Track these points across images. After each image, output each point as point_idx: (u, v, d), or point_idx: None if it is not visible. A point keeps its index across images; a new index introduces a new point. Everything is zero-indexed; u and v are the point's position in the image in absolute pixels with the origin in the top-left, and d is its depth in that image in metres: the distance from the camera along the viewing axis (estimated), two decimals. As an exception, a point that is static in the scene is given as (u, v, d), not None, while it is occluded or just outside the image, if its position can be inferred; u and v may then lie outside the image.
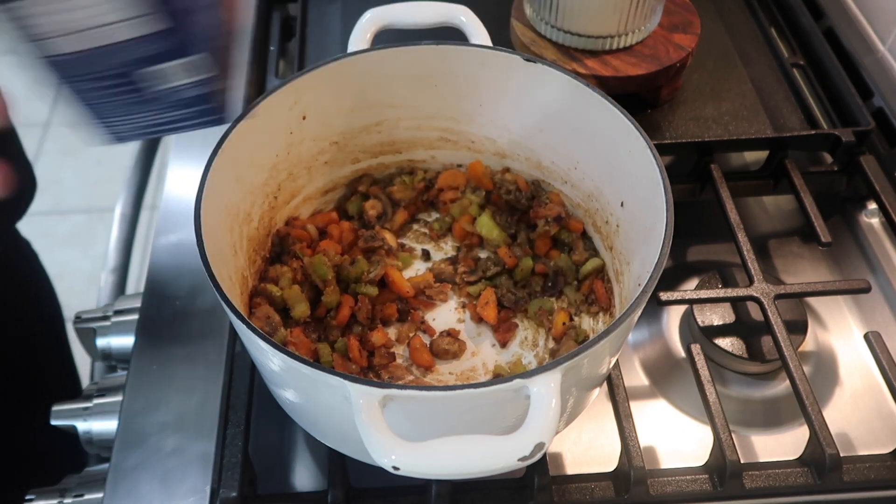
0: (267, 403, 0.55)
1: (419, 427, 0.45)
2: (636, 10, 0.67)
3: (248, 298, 0.56)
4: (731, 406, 0.58)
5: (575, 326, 0.57)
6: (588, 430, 0.59)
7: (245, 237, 0.56)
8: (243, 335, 0.46)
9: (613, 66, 0.68)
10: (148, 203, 1.00)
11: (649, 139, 0.52)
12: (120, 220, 0.92)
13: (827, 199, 0.71)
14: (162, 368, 0.59)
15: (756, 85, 0.74)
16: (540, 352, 0.57)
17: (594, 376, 0.49)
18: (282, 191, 0.60)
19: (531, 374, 0.40)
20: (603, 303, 0.57)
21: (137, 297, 0.65)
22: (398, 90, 0.60)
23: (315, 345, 0.54)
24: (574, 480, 0.53)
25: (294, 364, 0.42)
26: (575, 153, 0.60)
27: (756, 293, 0.60)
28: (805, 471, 0.53)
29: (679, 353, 0.63)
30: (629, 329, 0.48)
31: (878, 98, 0.74)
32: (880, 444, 0.58)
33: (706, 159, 0.69)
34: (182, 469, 0.54)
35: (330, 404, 0.45)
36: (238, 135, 0.53)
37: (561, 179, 0.63)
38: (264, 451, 0.57)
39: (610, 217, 0.59)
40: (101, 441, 0.59)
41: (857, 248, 0.71)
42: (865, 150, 0.70)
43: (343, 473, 0.52)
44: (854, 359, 0.63)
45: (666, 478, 0.53)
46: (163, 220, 0.69)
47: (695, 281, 0.66)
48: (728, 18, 0.81)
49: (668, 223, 0.47)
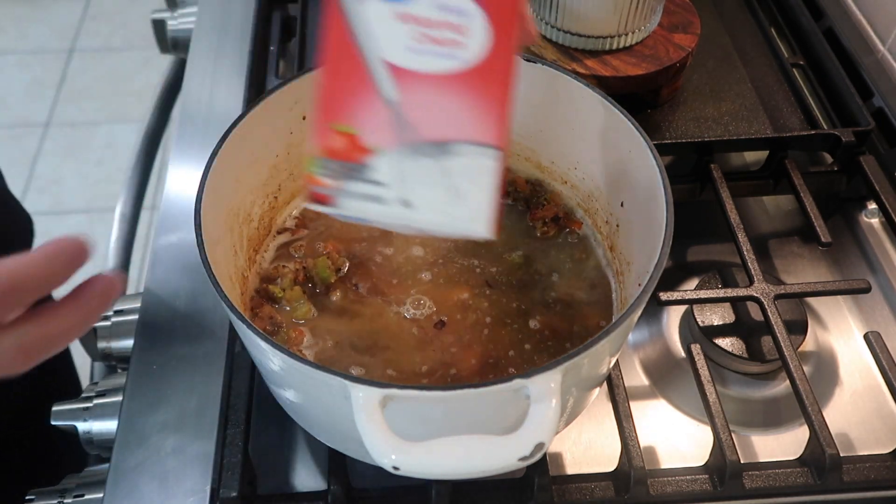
0: (267, 403, 0.55)
1: (419, 427, 0.45)
2: (636, 10, 0.67)
3: (249, 298, 0.56)
4: (731, 406, 0.58)
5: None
6: (588, 430, 0.59)
7: (245, 237, 0.56)
8: (243, 335, 0.46)
9: (613, 66, 0.68)
10: (148, 203, 1.00)
11: (649, 139, 0.52)
12: (120, 220, 0.92)
13: (827, 199, 0.71)
14: (162, 368, 0.59)
15: (756, 85, 0.74)
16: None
17: (594, 376, 0.49)
18: (282, 191, 0.60)
19: (531, 374, 0.40)
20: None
21: (137, 297, 0.65)
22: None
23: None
24: (574, 480, 0.53)
25: (294, 364, 0.42)
26: (575, 153, 0.60)
27: (756, 293, 0.60)
28: (805, 471, 0.53)
29: (679, 353, 0.63)
30: (629, 329, 0.48)
31: (878, 98, 0.74)
32: (880, 444, 0.58)
33: (706, 159, 0.69)
34: (182, 469, 0.54)
35: (330, 404, 0.45)
36: (238, 135, 0.53)
37: (561, 179, 0.63)
38: (264, 451, 0.57)
39: (610, 217, 0.59)
40: (101, 441, 0.59)
41: (857, 248, 0.71)
42: (865, 150, 0.70)
43: (343, 473, 0.52)
44: (854, 359, 0.63)
45: (666, 478, 0.53)
46: (163, 220, 0.69)
47: (695, 281, 0.66)
48: (728, 18, 0.81)
49: (668, 223, 0.47)
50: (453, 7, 0.35)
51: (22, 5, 2.55)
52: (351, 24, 0.36)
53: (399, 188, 0.36)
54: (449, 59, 0.35)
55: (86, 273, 0.40)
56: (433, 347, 0.56)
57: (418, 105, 0.35)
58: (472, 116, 0.35)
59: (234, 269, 0.54)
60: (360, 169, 0.36)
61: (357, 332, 0.56)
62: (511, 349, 0.55)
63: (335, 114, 0.36)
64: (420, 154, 0.36)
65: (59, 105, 2.26)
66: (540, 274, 0.60)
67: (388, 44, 0.35)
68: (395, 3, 0.35)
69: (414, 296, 0.60)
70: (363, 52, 0.36)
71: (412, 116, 0.35)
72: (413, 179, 0.36)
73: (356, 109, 0.36)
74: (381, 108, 0.35)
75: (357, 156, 0.36)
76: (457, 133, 0.35)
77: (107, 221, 0.90)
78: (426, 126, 0.36)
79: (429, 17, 0.35)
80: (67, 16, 2.52)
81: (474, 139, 0.35)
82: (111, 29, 2.49)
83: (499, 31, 0.35)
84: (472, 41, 0.35)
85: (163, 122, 1.04)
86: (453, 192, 0.36)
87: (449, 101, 0.35)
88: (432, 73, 0.35)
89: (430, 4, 0.35)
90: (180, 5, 0.97)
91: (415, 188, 0.36)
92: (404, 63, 0.35)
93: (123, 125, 2.20)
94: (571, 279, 0.59)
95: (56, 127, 2.21)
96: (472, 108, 0.35)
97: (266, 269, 0.58)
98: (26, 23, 2.50)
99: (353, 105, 0.36)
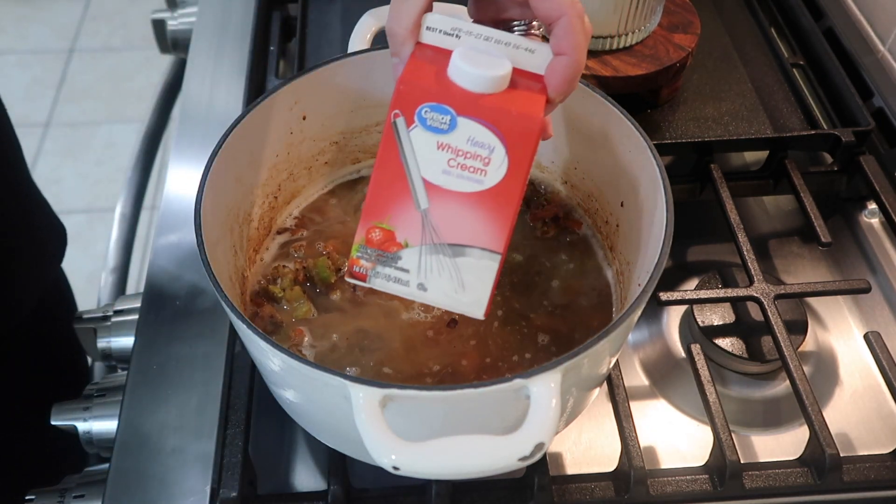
0: (267, 403, 0.55)
1: (419, 427, 0.45)
2: (636, 10, 0.67)
3: (249, 298, 0.56)
4: (731, 406, 0.58)
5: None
6: (588, 430, 0.59)
7: (245, 237, 0.56)
8: (243, 335, 0.46)
9: (613, 66, 0.68)
10: (148, 203, 1.00)
11: (649, 139, 0.52)
12: (120, 220, 0.92)
13: (827, 199, 0.71)
14: (162, 368, 0.59)
15: (756, 85, 0.74)
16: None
17: (594, 376, 0.49)
18: (282, 191, 0.60)
19: (531, 374, 0.40)
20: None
21: (137, 297, 0.65)
22: (398, 90, 0.60)
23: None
24: (574, 480, 0.53)
25: (294, 364, 0.42)
26: (575, 153, 0.60)
27: (756, 293, 0.60)
28: (805, 471, 0.53)
29: (679, 353, 0.63)
30: (629, 329, 0.48)
31: (878, 98, 0.74)
32: (880, 444, 0.58)
33: (706, 159, 0.69)
34: (182, 469, 0.54)
35: (330, 404, 0.45)
36: (238, 135, 0.53)
37: (561, 179, 0.63)
38: (264, 451, 0.57)
39: (610, 217, 0.59)
40: (101, 441, 0.59)
41: (857, 248, 0.71)
42: (865, 150, 0.70)
43: (343, 473, 0.52)
44: (854, 359, 0.63)
45: (666, 478, 0.53)
46: (163, 220, 0.69)
47: (695, 281, 0.66)
48: (728, 18, 0.81)
49: (668, 223, 0.47)
50: (483, 143, 0.43)
51: (22, 5, 2.55)
52: (401, 145, 0.44)
53: (419, 275, 0.46)
54: (473, 182, 0.44)
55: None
56: (433, 347, 0.56)
57: (443, 215, 0.45)
58: (483, 228, 0.45)
59: (234, 269, 0.54)
60: (391, 257, 0.46)
61: (357, 332, 0.56)
62: (511, 349, 0.55)
63: (378, 213, 0.45)
64: (438, 252, 0.45)
65: (59, 105, 2.26)
66: (540, 274, 0.60)
67: (427, 164, 0.44)
68: (438, 133, 0.44)
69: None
70: (407, 168, 0.44)
71: (437, 223, 0.45)
72: (430, 270, 0.46)
73: (395, 212, 0.45)
74: (414, 213, 0.45)
75: (391, 247, 0.46)
76: (469, 240, 0.45)
77: (107, 221, 0.91)
78: (446, 231, 0.45)
79: (462, 147, 0.44)
80: (67, 16, 2.52)
81: (482, 245, 0.45)
82: (111, 29, 2.49)
83: (515, 164, 0.44)
84: (493, 170, 0.44)
85: (163, 122, 1.04)
86: (461, 283, 0.46)
87: (467, 215, 0.45)
88: (458, 191, 0.44)
89: (464, 138, 0.44)
90: (180, 5, 0.97)
91: (431, 277, 0.46)
92: (437, 181, 0.44)
93: (123, 125, 2.20)
94: (571, 279, 0.59)
95: (56, 127, 2.21)
96: (484, 222, 0.44)
97: (266, 269, 0.58)
98: (26, 23, 2.50)
99: (393, 208, 0.45)
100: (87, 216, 1.98)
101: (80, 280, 1.59)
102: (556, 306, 0.57)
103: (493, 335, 0.56)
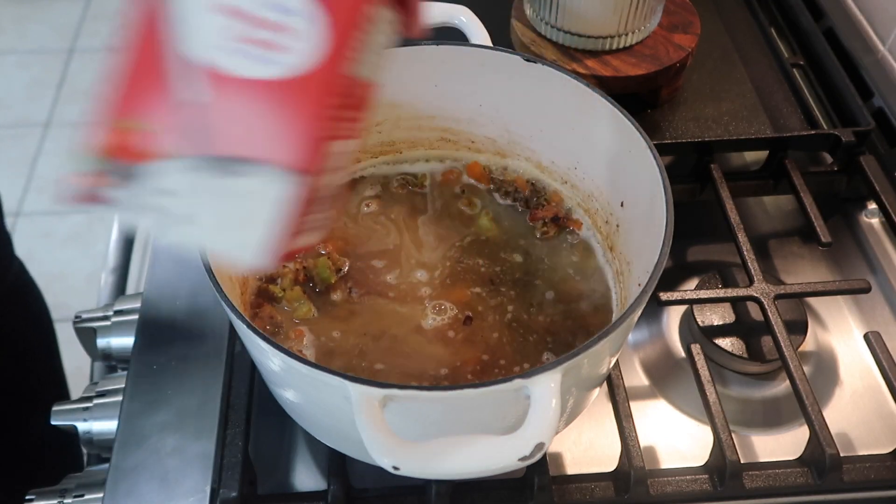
0: (267, 403, 0.55)
1: (419, 427, 0.45)
2: (636, 10, 0.67)
3: (249, 298, 0.56)
4: (731, 406, 0.58)
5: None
6: (588, 430, 0.59)
7: (245, 237, 0.56)
8: (243, 335, 0.46)
9: (613, 66, 0.68)
10: (148, 203, 1.00)
11: (649, 139, 0.52)
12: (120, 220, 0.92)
13: (827, 199, 0.70)
14: (162, 368, 0.59)
15: (756, 85, 0.74)
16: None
17: (594, 376, 0.49)
18: (282, 191, 0.60)
19: (531, 373, 0.40)
20: None
21: (137, 297, 0.65)
22: (398, 90, 0.60)
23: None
24: (574, 480, 0.53)
25: (294, 364, 0.42)
26: (575, 153, 0.60)
27: (756, 293, 0.60)
28: (805, 471, 0.53)
29: (679, 353, 0.63)
30: (629, 329, 0.48)
31: (878, 98, 0.74)
32: (880, 444, 0.58)
33: (706, 159, 0.69)
34: (182, 469, 0.54)
35: (330, 404, 0.45)
36: (238, 135, 0.52)
37: (561, 179, 0.63)
38: (264, 451, 0.57)
39: (610, 217, 0.59)
40: (101, 441, 0.59)
41: (857, 248, 0.71)
42: (865, 150, 0.70)
43: (343, 473, 0.52)
44: (854, 359, 0.63)
45: (666, 478, 0.53)
46: (163, 220, 0.69)
47: (695, 281, 0.66)
48: (728, 18, 0.81)
49: (668, 223, 0.47)
50: (286, 5, 0.31)
51: (22, 5, 2.55)
52: (161, 7, 0.31)
53: (185, 201, 0.32)
54: (268, 64, 0.31)
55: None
56: (434, 347, 0.56)
57: (222, 113, 0.31)
58: (277, 135, 0.31)
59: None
60: (146, 173, 0.32)
61: (357, 332, 0.56)
62: (510, 349, 0.55)
63: (129, 110, 0.32)
64: (213, 167, 0.31)
65: (59, 105, 2.26)
66: (539, 274, 0.60)
67: (198, 34, 0.31)
68: None
69: (415, 296, 0.60)
70: (170, 39, 0.31)
71: (213, 124, 0.31)
72: (201, 193, 0.32)
73: (155, 108, 0.31)
74: (185, 109, 0.31)
75: (144, 158, 0.31)
76: (256, 150, 0.31)
77: (107, 221, 0.90)
78: (226, 137, 0.31)
79: (253, 11, 0.31)
80: (67, 16, 2.52)
81: (273, 159, 0.31)
82: (111, 29, 2.49)
83: (336, 39, 0.31)
84: (299, 47, 0.31)
85: (162, 122, 1.03)
86: (239, 213, 0.32)
87: (256, 113, 0.31)
88: (244, 77, 0.31)
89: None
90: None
91: (201, 203, 0.32)
92: (214, 61, 0.31)
93: (123, 125, 2.20)
94: (571, 279, 0.59)
95: (56, 127, 2.20)
96: (280, 125, 0.31)
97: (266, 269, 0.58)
98: (26, 23, 2.50)
99: (152, 103, 0.31)
100: (86, 216, 1.98)
101: (79, 280, 1.59)
102: (556, 306, 0.57)
103: (493, 335, 0.56)
